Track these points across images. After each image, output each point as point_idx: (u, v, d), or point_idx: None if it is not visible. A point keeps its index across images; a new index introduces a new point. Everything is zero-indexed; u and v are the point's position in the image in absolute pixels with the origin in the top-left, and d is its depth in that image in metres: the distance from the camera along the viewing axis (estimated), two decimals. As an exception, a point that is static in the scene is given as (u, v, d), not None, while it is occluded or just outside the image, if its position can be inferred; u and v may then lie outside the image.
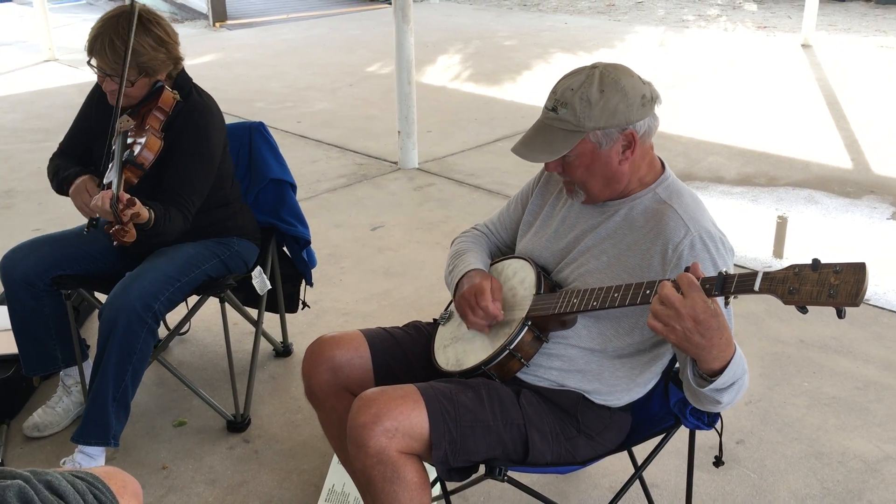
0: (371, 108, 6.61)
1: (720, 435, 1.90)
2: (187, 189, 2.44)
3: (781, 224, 3.92)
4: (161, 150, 2.36)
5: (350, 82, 7.53)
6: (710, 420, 1.87)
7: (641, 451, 2.02)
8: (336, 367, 1.96)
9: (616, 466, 2.42)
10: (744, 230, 4.17)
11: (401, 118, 5.07)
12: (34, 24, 9.12)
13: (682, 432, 1.93)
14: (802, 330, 3.23)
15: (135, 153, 2.30)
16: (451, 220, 4.29)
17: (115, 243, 2.18)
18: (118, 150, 2.30)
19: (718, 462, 1.95)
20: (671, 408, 1.89)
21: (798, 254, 3.85)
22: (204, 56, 8.72)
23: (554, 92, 1.79)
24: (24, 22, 10.74)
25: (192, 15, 11.29)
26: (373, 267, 3.84)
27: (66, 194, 2.47)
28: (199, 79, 2.64)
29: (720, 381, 1.52)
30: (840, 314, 1.31)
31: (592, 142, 1.74)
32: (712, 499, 2.37)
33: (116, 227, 2.13)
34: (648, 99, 1.76)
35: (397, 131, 5.13)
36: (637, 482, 2.10)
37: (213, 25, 10.71)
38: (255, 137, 2.88)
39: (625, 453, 2.18)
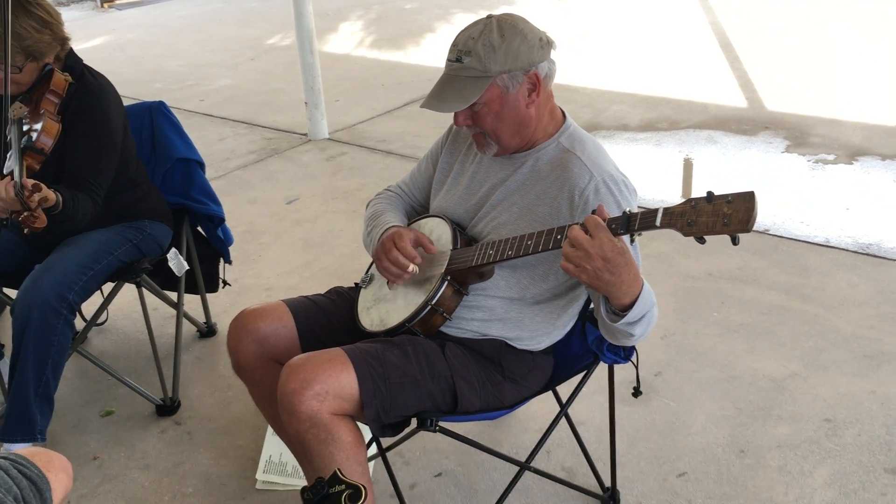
0: (276, 81, 6.52)
1: (636, 367, 1.99)
2: (91, 171, 2.38)
3: (687, 165, 4.08)
4: (60, 133, 2.30)
5: (251, 56, 7.39)
6: (626, 354, 1.96)
7: (566, 391, 2.11)
8: (261, 339, 1.97)
9: (544, 409, 2.51)
10: (651, 173, 4.31)
11: (307, 89, 5.03)
12: None
13: (603, 369, 2.02)
14: (710, 264, 3.38)
15: (33, 139, 2.24)
16: (366, 188, 4.30)
17: (26, 231, 2.12)
18: (15, 138, 2.23)
19: (637, 392, 2.05)
20: (589, 346, 1.98)
21: (703, 192, 4.01)
22: (94, 39, 8.40)
23: (455, 44, 1.82)
24: None
25: (77, -3, 10.85)
26: (291, 240, 3.83)
27: None
28: (91, 62, 2.57)
29: (631, 315, 1.60)
30: (734, 241, 1.40)
31: (500, 86, 1.78)
32: (636, 429, 2.49)
33: (25, 213, 2.08)
34: (545, 42, 1.82)
35: (304, 103, 5.08)
36: (564, 421, 2.20)
37: (101, 6, 10.32)
38: (156, 117, 2.82)
39: (550, 395, 2.27)
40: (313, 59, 4.94)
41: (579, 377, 2.03)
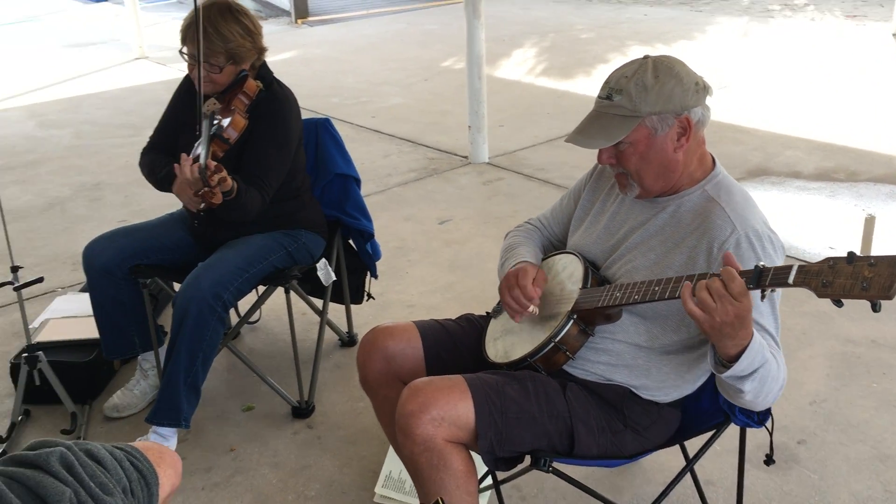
0: (444, 102, 6.68)
1: (771, 434, 1.88)
2: (265, 171, 2.57)
3: (869, 222, 3.81)
4: (245, 129, 2.49)
5: (425, 77, 7.61)
6: (759, 418, 1.86)
7: (695, 446, 2.02)
8: (388, 357, 2.02)
9: (672, 462, 2.42)
10: (821, 227, 4.05)
11: (471, 113, 5.12)
12: (126, 23, 9.52)
13: (737, 429, 1.92)
14: (876, 329, 3.13)
15: (222, 128, 2.45)
16: (518, 215, 4.31)
17: (203, 206, 2.32)
18: (206, 128, 2.43)
19: (769, 461, 1.93)
20: (721, 404, 1.89)
21: (883, 251, 3.73)
22: (285, 52, 8.95)
23: (607, 82, 1.80)
24: (118, 21, 11.20)
25: (275, 12, 11.57)
26: (439, 260, 3.91)
27: (168, 191, 2.61)
28: (279, 74, 2.76)
29: (738, 368, 1.53)
30: (874, 307, 1.30)
31: (648, 127, 1.75)
32: (769, 497, 2.34)
33: (205, 189, 2.27)
34: (702, 87, 1.76)
35: (468, 126, 5.18)
36: (690, 478, 2.10)
37: (296, 22, 10.97)
38: (321, 133, 2.97)
39: (678, 450, 2.19)
40: (480, 85, 5.03)
41: (710, 433, 1.94)
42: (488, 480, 2.14)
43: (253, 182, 2.52)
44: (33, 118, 6.72)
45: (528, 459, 1.82)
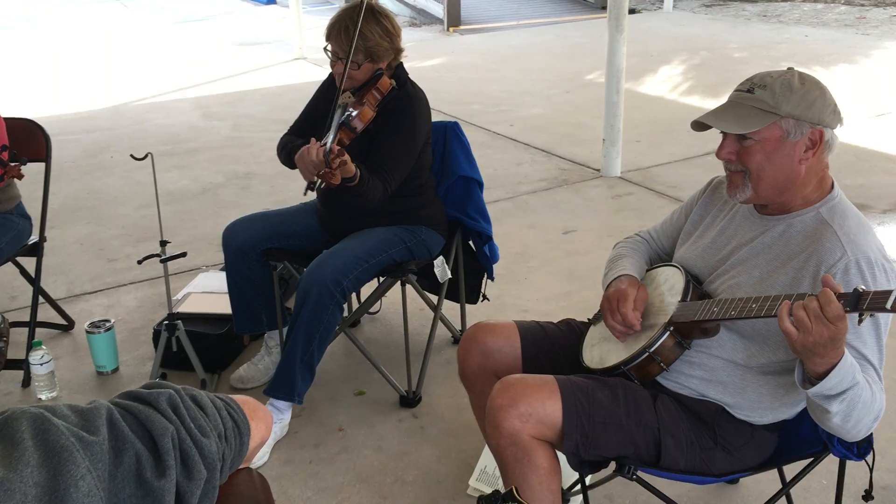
0: (583, 115, 6.68)
1: (870, 469, 1.82)
2: (390, 163, 2.70)
3: None
4: (372, 120, 2.65)
5: (567, 89, 7.63)
6: (860, 452, 1.80)
7: (792, 470, 1.97)
8: (487, 353, 2.10)
9: (771, 488, 2.35)
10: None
11: (606, 126, 5.11)
12: (289, 25, 10.07)
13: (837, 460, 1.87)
14: None
15: (350, 117, 2.61)
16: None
17: (322, 185, 2.47)
18: (337, 116, 2.61)
19: (868, 496, 1.87)
20: (820, 434, 1.84)
21: None
22: (433, 59, 9.20)
23: (750, 79, 1.80)
24: (282, 23, 11.86)
25: (429, 20, 11.90)
26: (559, 269, 3.94)
27: (293, 165, 2.80)
28: (425, 80, 2.90)
29: (826, 386, 1.50)
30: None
31: (782, 129, 1.73)
32: (872, 539, 2.24)
33: (325, 170, 2.43)
34: (838, 112, 1.75)
35: (602, 139, 5.18)
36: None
37: (447, 30, 11.24)
38: (449, 135, 3.08)
39: (776, 476, 2.14)
40: (618, 98, 5.02)
41: (807, 461, 1.90)
42: (579, 485, 2.16)
43: (377, 172, 2.66)
44: (198, 109, 7.24)
45: (613, 465, 1.86)
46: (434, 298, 3.12)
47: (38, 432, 0.93)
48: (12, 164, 2.63)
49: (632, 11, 11.70)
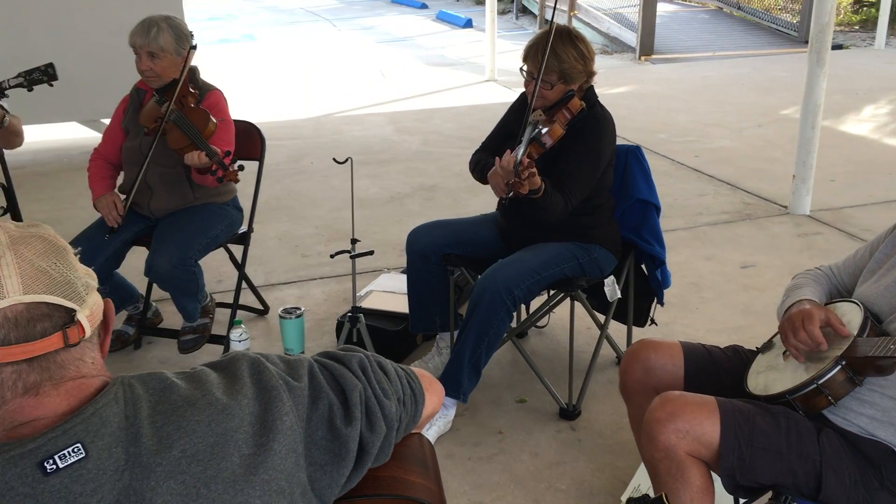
0: (774, 150, 6.47)
1: None
2: (573, 181, 2.81)
3: None
4: (561, 138, 2.77)
5: (759, 123, 7.40)
6: None
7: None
8: (649, 369, 2.15)
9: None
10: None
11: (798, 162, 4.94)
12: (483, 47, 10.42)
13: None
14: None
15: (541, 133, 2.75)
16: (830, 272, 4.10)
17: (511, 194, 2.61)
18: (528, 132, 2.76)
19: None
20: None
21: None
22: (622, 86, 9.20)
23: None
24: (476, 46, 12.26)
25: (621, 48, 11.89)
26: (733, 303, 3.87)
27: (487, 183, 2.97)
28: (612, 106, 2.99)
29: None
30: None
31: None
32: None
33: (514, 180, 2.57)
34: None
35: (792, 175, 5.00)
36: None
37: (639, 59, 11.18)
38: (630, 159, 3.14)
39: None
40: (813, 134, 4.84)
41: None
42: None
43: (560, 188, 2.77)
44: (392, 124, 7.67)
45: (769, 495, 1.85)
46: (601, 318, 3.18)
47: (255, 372, 1.12)
48: (232, 170, 2.97)
49: (839, 47, 11.14)
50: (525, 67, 2.90)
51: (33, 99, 3.26)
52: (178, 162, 3.13)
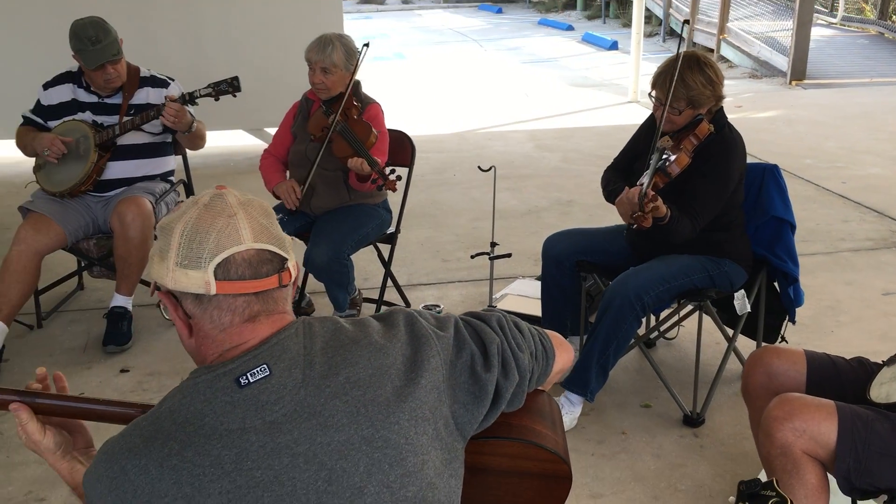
0: (933, 180, 6.22)
1: None
2: (700, 205, 2.92)
3: None
4: (687, 166, 2.88)
5: (916, 151, 7.11)
6: None
7: None
8: (771, 374, 2.24)
9: None
10: None
11: (953, 191, 4.77)
12: (627, 69, 10.47)
13: None
14: None
15: (666, 164, 2.88)
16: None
17: (634, 227, 2.76)
18: (654, 161, 2.88)
19: None
20: None
21: None
22: (770, 111, 9.02)
23: None
24: (621, 68, 12.30)
25: (771, 72, 11.61)
26: (870, 329, 3.81)
27: (614, 203, 3.13)
28: (757, 130, 3.09)
29: None
30: None
31: None
32: None
33: (638, 213, 2.71)
34: None
35: (946, 204, 4.84)
36: None
37: (790, 83, 10.89)
38: (766, 177, 3.20)
39: None
40: (970, 163, 4.67)
41: None
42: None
43: (687, 212, 2.87)
44: (533, 141, 7.88)
45: (883, 496, 1.91)
46: (730, 331, 3.24)
47: (408, 323, 1.36)
48: (391, 179, 3.26)
49: None
50: (654, 93, 3.02)
51: (206, 107, 3.68)
52: (338, 166, 3.46)
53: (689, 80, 2.90)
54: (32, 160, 3.79)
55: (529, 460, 1.41)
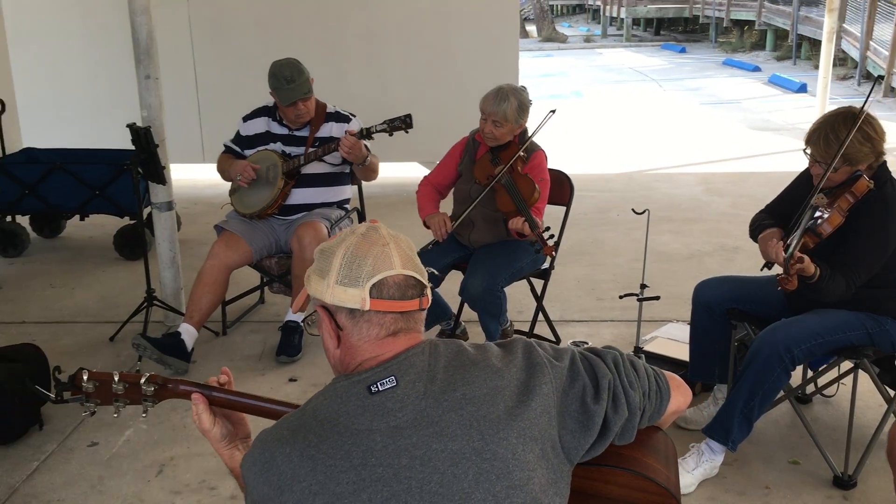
0: None
1: None
2: (857, 264, 2.84)
3: None
4: (839, 226, 2.82)
5: None
6: None
7: None
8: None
9: None
10: None
11: None
12: (813, 113, 10.04)
13: None
14: None
15: (818, 224, 2.82)
16: None
17: (778, 288, 2.75)
18: (805, 219, 2.84)
19: None
20: None
21: None
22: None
23: None
24: (806, 112, 11.79)
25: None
26: None
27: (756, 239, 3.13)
28: None
29: None
30: None
31: None
32: None
33: (782, 275, 2.70)
34: None
35: None
36: None
37: None
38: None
39: None
40: None
41: None
42: None
43: (842, 269, 2.80)
44: (702, 184, 7.75)
45: None
46: (892, 392, 3.11)
47: (526, 351, 1.50)
48: (549, 245, 3.39)
49: None
50: (808, 150, 2.97)
51: (383, 140, 3.97)
52: (498, 208, 3.65)
53: (843, 138, 2.83)
54: (229, 184, 4.25)
55: (639, 491, 1.50)
